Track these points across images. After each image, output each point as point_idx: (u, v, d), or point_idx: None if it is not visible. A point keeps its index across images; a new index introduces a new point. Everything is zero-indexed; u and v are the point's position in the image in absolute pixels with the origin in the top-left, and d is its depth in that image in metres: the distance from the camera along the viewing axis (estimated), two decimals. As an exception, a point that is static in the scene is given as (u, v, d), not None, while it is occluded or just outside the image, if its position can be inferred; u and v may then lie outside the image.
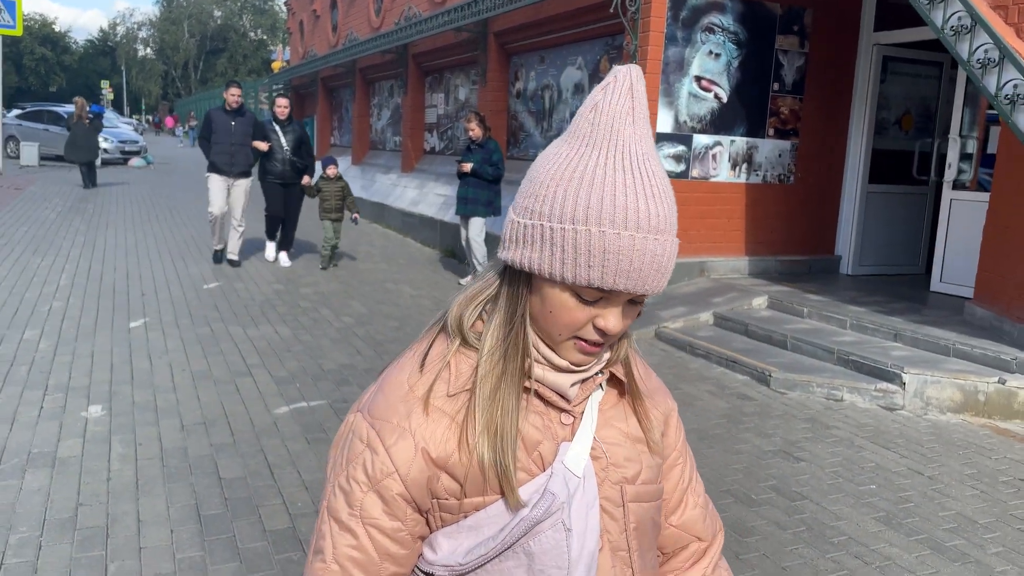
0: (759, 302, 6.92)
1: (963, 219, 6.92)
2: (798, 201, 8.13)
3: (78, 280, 7.83)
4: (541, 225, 0.90)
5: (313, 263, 9.57)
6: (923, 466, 4.22)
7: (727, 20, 7.47)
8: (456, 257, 10.29)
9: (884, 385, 5.14)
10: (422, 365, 0.99)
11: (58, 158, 23.69)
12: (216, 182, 8.92)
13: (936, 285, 7.22)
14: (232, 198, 9.04)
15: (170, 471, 3.76)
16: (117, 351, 5.59)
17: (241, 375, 5.22)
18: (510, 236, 0.94)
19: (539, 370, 0.98)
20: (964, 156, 7.14)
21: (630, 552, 1.03)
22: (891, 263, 8.35)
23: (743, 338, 6.29)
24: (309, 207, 10.37)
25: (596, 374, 1.02)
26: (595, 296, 0.91)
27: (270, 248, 9.59)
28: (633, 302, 0.94)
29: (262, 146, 8.87)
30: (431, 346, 1.01)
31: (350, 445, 0.99)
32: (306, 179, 9.14)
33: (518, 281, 0.96)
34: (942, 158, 7.32)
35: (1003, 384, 4.96)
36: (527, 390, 0.97)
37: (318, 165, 9.57)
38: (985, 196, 6.26)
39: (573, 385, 0.99)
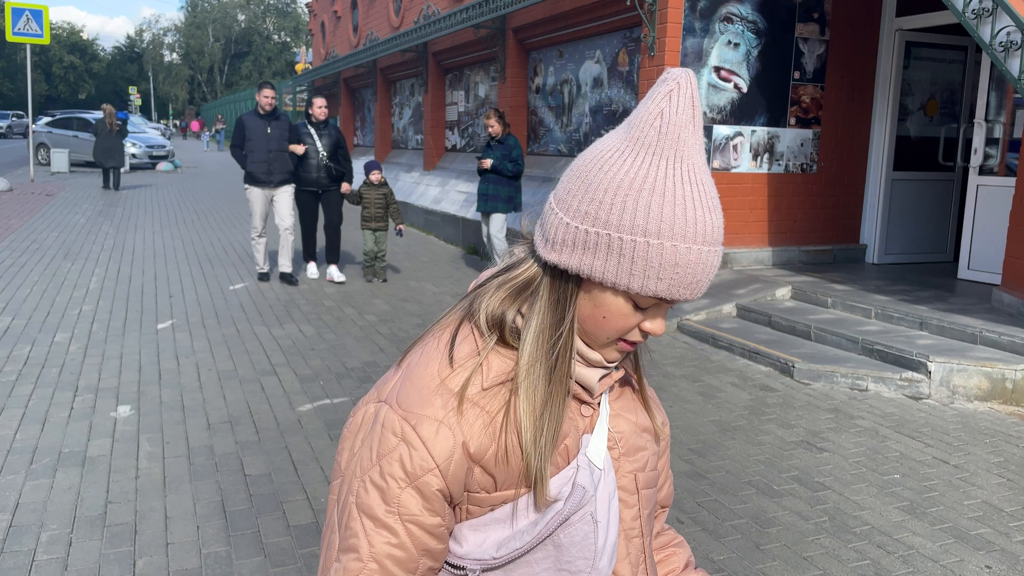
0: (783, 293, 6.87)
1: (990, 205, 6.82)
2: (821, 190, 8.06)
3: (107, 283, 7.98)
4: (608, 235, 0.88)
5: (352, 272, 9.65)
6: (948, 455, 4.17)
7: (745, 9, 7.41)
8: (478, 254, 10.32)
9: (909, 374, 5.09)
10: (451, 358, 0.97)
11: (88, 164, 24.15)
12: (256, 195, 8.11)
13: (964, 272, 7.12)
14: (277, 209, 8.20)
15: (196, 469, 3.82)
16: (145, 352, 5.70)
17: (266, 374, 5.29)
18: (563, 239, 0.91)
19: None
20: (991, 141, 7.04)
21: (643, 537, 1.06)
22: (918, 251, 8.24)
23: (767, 329, 6.25)
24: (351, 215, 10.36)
25: (615, 368, 1.04)
26: (651, 303, 0.93)
27: (311, 268, 8.65)
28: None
29: (297, 149, 8.00)
30: (456, 337, 0.99)
31: (380, 439, 0.95)
32: (345, 186, 8.32)
33: (566, 284, 0.94)
34: (968, 143, 7.21)
35: (1031, 371, 4.89)
36: (568, 392, 0.97)
37: (358, 170, 9.40)
38: (1012, 181, 6.16)
39: (601, 379, 1.01)
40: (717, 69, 7.41)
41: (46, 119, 27.12)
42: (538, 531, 0.96)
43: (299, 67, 31.02)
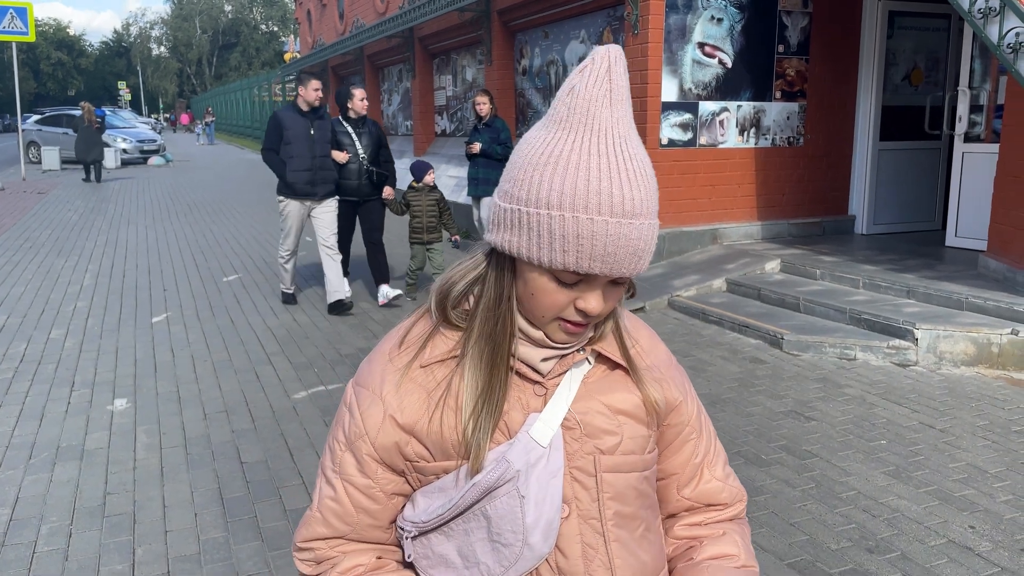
0: (772, 266, 6.92)
1: (976, 171, 6.85)
2: (808, 163, 8.08)
3: (101, 279, 8.01)
4: (519, 210, 0.91)
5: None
6: (935, 420, 4.24)
7: (728, -16, 7.40)
8: (471, 238, 10.35)
9: (897, 342, 5.14)
10: (402, 340, 1.06)
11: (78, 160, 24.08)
12: (294, 210, 6.67)
13: (951, 240, 7.17)
14: (319, 227, 6.73)
15: (193, 458, 3.88)
16: (140, 346, 5.74)
17: (261, 363, 5.34)
18: (494, 219, 0.96)
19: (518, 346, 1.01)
20: (976, 108, 7.06)
21: (602, 520, 1.05)
22: (906, 220, 8.28)
23: (756, 303, 6.31)
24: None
25: (576, 350, 1.04)
26: (574, 279, 0.93)
27: (384, 289, 6.96)
28: (616, 283, 0.95)
29: (340, 157, 6.67)
30: (415, 323, 1.07)
31: (339, 408, 1.10)
32: (388, 191, 6.96)
33: (504, 264, 0.98)
34: (954, 111, 7.24)
35: (1017, 335, 4.95)
36: (510, 369, 1.00)
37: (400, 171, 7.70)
38: (997, 147, 6.19)
39: (545, 360, 1.01)
40: (701, 45, 7.42)
41: (36, 117, 27.03)
42: (457, 499, 1.01)
43: (287, 56, 30.92)
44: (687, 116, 7.48)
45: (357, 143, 6.77)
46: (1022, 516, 3.24)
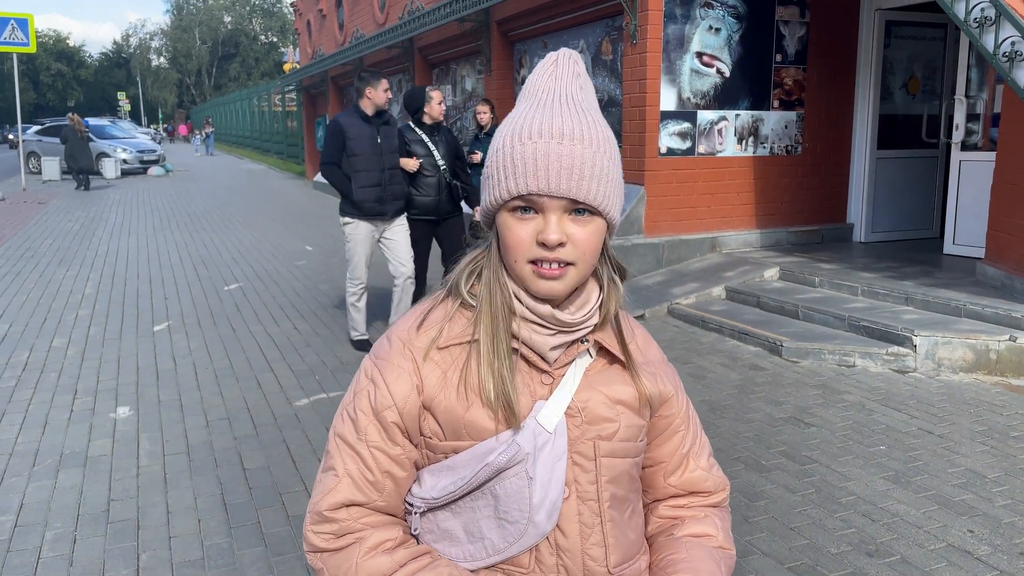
0: (771, 274, 6.95)
1: (973, 179, 6.89)
2: (807, 171, 8.13)
3: (103, 288, 8.03)
4: (486, 172, 1.06)
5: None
6: (933, 425, 4.26)
7: (726, -6, 7.47)
8: (471, 247, 10.38)
9: (895, 349, 5.17)
10: (422, 323, 1.12)
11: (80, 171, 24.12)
12: (363, 233, 5.67)
13: (949, 247, 7.21)
14: (394, 251, 5.77)
15: (196, 464, 3.90)
16: (142, 354, 5.76)
17: (262, 371, 5.36)
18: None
19: (525, 332, 1.08)
20: (973, 117, 7.11)
21: (600, 502, 1.12)
22: (904, 228, 8.32)
23: (755, 310, 6.33)
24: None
25: (580, 341, 1.12)
26: (525, 205, 1.02)
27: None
28: (579, 213, 1.02)
29: (410, 164, 5.84)
30: (435, 306, 1.13)
31: (357, 380, 1.14)
32: (476, 212, 5.97)
33: (494, 235, 1.09)
34: (951, 120, 7.29)
35: (1014, 341, 4.97)
36: (515, 351, 1.08)
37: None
38: (994, 155, 6.23)
39: (553, 349, 1.09)
40: (699, 55, 7.47)
41: (35, 128, 27.10)
42: (469, 478, 1.07)
43: (287, 67, 31.01)
44: (686, 125, 7.52)
45: (435, 153, 5.98)
46: (1020, 520, 3.26)
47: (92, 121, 30.51)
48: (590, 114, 1.04)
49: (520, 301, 1.07)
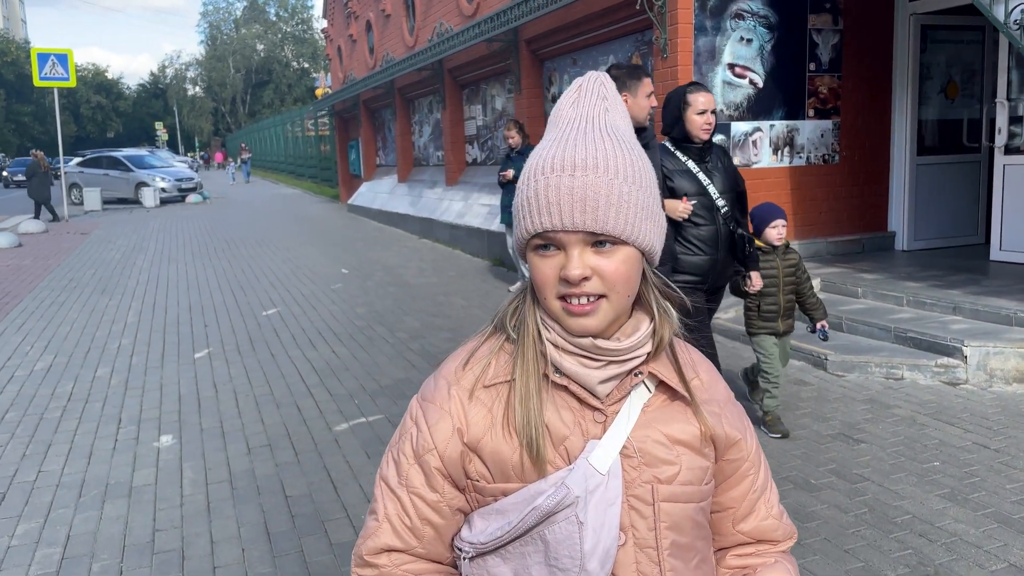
0: (813, 286, 6.81)
1: (1019, 183, 6.72)
2: (845, 180, 7.99)
3: (144, 316, 8.15)
4: (513, 205, 1.04)
5: (385, 290, 9.73)
6: (989, 439, 4.12)
7: (756, 4, 7.41)
8: (505, 266, 10.37)
9: (945, 360, 5.03)
10: (468, 360, 1.09)
11: (120, 200, 24.67)
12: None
13: (996, 254, 7.03)
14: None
15: (239, 493, 3.90)
16: (184, 382, 5.81)
17: (302, 396, 5.37)
18: None
19: (570, 365, 1.03)
20: (1015, 119, 6.94)
21: (659, 550, 1.06)
22: (948, 235, 8.14)
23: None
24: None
25: (634, 373, 1.05)
26: (545, 242, 0.99)
27: None
28: (601, 245, 0.98)
29: (679, 209, 3.89)
30: (480, 345, 1.11)
31: (403, 422, 1.12)
32: (756, 279, 4.17)
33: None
34: (992, 123, 7.12)
35: (1070, 350, 4.81)
36: (546, 377, 1.04)
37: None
38: (1039, 158, 6.08)
39: (604, 383, 1.04)
40: (731, 66, 7.40)
41: (77, 159, 27.78)
42: (516, 523, 1.02)
43: (319, 92, 31.45)
44: (720, 137, 7.45)
45: (709, 188, 3.93)
46: (1087, 538, 3.12)
47: (131, 151, 31.21)
48: (612, 138, 1.00)
49: (559, 334, 1.03)
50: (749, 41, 7.44)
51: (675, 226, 3.92)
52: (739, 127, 7.51)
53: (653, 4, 7.25)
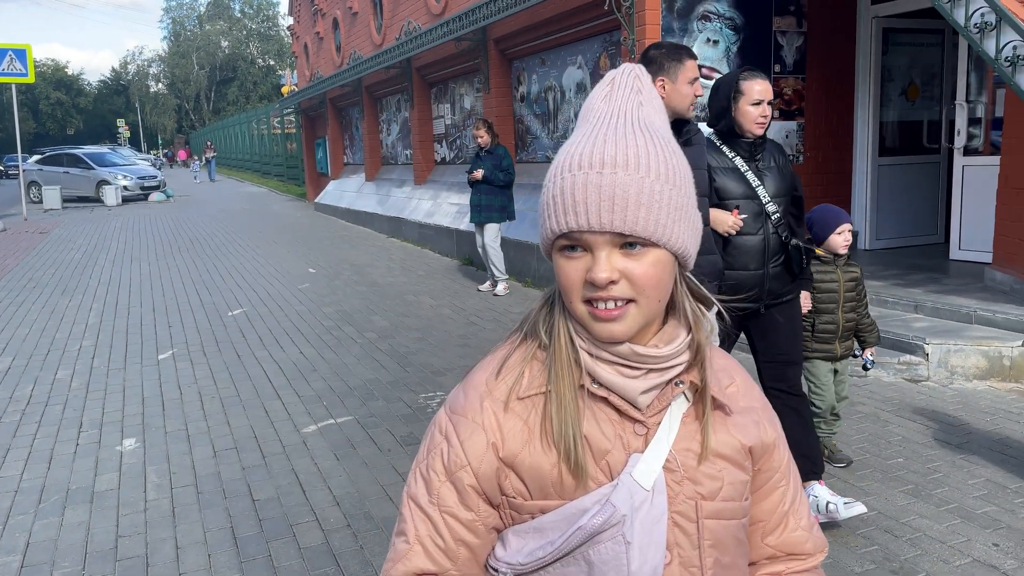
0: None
1: (977, 184, 6.86)
2: (808, 180, 8.07)
3: (106, 317, 8.00)
4: (539, 204, 0.99)
5: (352, 289, 9.65)
6: (950, 435, 4.20)
7: (722, 6, 7.47)
8: (474, 265, 10.36)
9: (907, 358, 5.11)
10: (500, 368, 1.03)
11: (80, 199, 24.20)
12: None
13: (955, 253, 7.16)
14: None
15: (205, 497, 3.84)
16: (147, 384, 5.71)
17: (269, 398, 5.31)
18: None
19: (607, 375, 0.98)
20: (974, 121, 7.08)
21: (703, 569, 1.02)
22: (909, 234, 8.28)
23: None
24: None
25: (675, 383, 1.01)
26: (571, 243, 0.94)
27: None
28: (631, 246, 0.92)
29: (730, 221, 3.28)
30: (512, 353, 1.04)
31: (431, 437, 1.05)
32: (806, 300, 3.59)
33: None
34: (951, 125, 7.26)
35: (1028, 347, 4.92)
36: (583, 387, 0.99)
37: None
38: (997, 160, 6.20)
39: (644, 393, 0.99)
40: (698, 67, 7.45)
41: (36, 157, 27.21)
42: (561, 543, 0.98)
43: (285, 89, 31.12)
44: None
45: (759, 190, 3.31)
46: (1046, 532, 3.20)
47: (92, 149, 30.64)
48: (645, 134, 0.94)
49: (593, 342, 0.98)
50: (716, 43, 7.50)
51: (726, 244, 3.32)
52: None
53: (621, 5, 7.28)
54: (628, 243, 0.93)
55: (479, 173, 8.26)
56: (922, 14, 7.56)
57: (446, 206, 12.17)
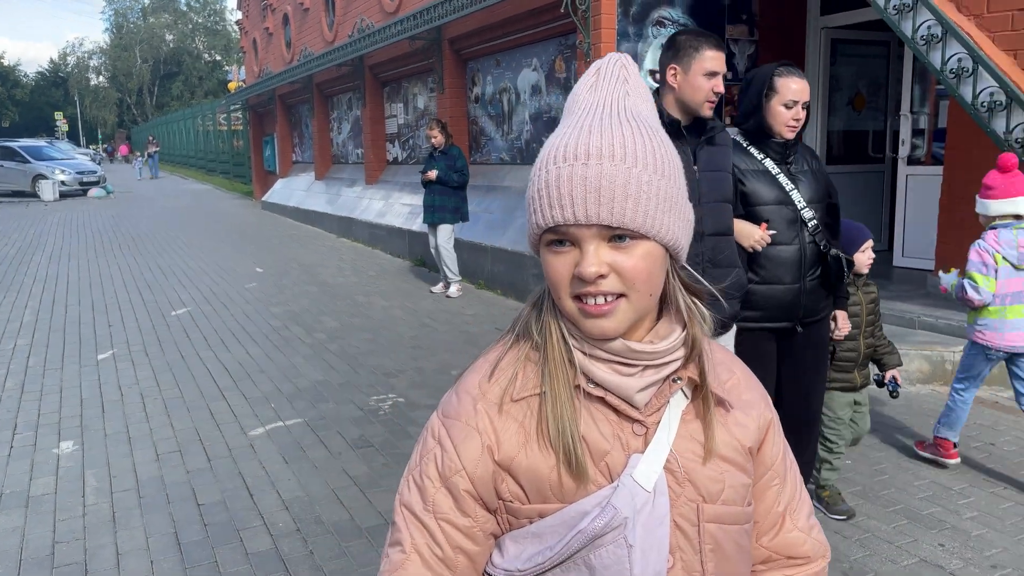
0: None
1: (920, 193, 7.04)
2: (759, 187, 8.22)
3: (42, 315, 7.71)
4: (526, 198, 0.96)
5: (306, 295, 9.47)
6: (896, 438, 4.29)
7: (676, 13, 7.55)
8: (426, 266, 10.27)
9: (854, 362, 5.20)
10: (492, 370, 1.00)
11: (14, 193, 23.39)
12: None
13: (899, 260, 7.34)
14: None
15: (147, 501, 3.71)
16: (86, 384, 5.52)
17: (214, 399, 5.17)
18: None
19: (602, 373, 0.95)
20: (917, 132, 7.27)
21: (705, 574, 0.99)
22: (854, 241, 8.46)
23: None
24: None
25: (672, 379, 0.98)
26: (558, 238, 0.91)
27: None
28: (620, 239, 0.90)
29: (757, 235, 2.90)
30: (504, 354, 1.01)
31: (424, 442, 1.01)
32: (843, 320, 3.22)
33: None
34: (895, 135, 7.45)
35: (969, 352, 5.05)
36: (578, 388, 0.96)
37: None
38: (939, 169, 6.37)
39: (641, 391, 0.96)
40: (652, 73, 7.51)
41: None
42: (561, 547, 0.95)
43: (232, 85, 30.55)
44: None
45: (796, 194, 3.00)
46: (988, 532, 3.27)
47: (28, 141, 29.62)
48: (632, 124, 0.91)
49: (586, 339, 0.95)
50: (669, 48, 7.57)
51: (754, 260, 2.97)
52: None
53: (577, 8, 7.30)
54: (617, 236, 0.90)
55: (433, 174, 8.19)
56: (870, 26, 7.75)
57: (398, 206, 12.06)
